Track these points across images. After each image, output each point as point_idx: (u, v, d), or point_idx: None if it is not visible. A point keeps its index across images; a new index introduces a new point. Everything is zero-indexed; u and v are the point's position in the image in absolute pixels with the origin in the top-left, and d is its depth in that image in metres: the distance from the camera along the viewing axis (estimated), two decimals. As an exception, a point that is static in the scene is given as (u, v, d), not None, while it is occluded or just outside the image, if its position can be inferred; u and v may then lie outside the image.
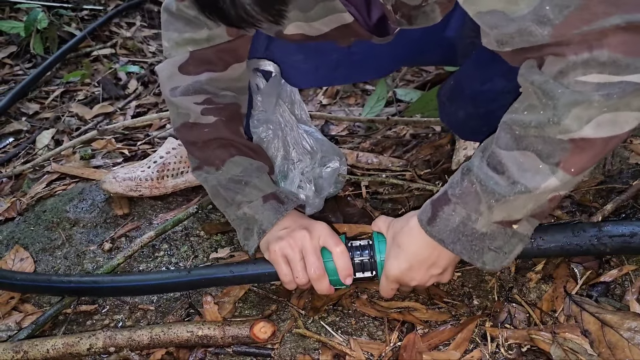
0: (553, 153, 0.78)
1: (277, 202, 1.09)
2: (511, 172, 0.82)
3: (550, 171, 0.79)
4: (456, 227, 0.89)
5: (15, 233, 1.48)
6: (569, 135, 0.76)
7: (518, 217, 0.86)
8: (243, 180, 1.11)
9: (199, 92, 1.10)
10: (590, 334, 0.95)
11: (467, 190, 0.88)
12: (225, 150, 1.12)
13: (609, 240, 1.01)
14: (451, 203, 0.90)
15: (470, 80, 1.24)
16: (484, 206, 0.86)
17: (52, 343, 1.05)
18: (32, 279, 1.20)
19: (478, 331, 1.03)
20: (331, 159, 1.40)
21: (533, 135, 0.79)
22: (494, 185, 0.83)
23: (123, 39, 3.01)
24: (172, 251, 1.35)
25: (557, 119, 0.75)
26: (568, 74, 0.73)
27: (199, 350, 1.06)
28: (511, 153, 0.82)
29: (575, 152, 0.77)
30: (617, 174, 1.32)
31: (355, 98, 2.33)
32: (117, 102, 2.43)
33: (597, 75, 0.71)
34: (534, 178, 0.80)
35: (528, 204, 0.84)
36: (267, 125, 1.35)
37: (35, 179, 1.74)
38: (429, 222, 0.92)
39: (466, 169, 0.90)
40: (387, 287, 1.03)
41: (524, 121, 0.80)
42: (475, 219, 0.88)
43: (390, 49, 1.18)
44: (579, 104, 0.73)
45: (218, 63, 1.09)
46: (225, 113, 1.13)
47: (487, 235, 0.88)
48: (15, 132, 2.24)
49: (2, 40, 2.92)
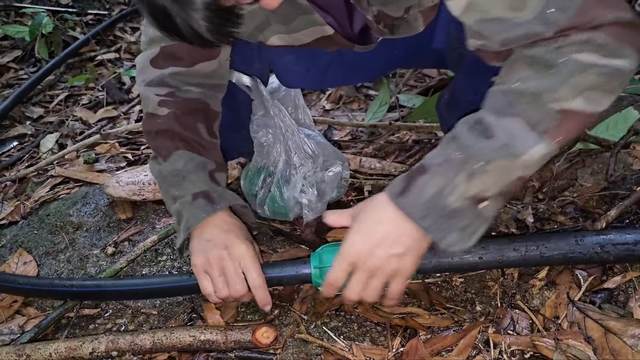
0: (542, 121, 0.81)
1: (206, 201, 1.08)
2: (499, 136, 0.83)
3: (538, 138, 0.82)
4: (429, 199, 0.85)
5: (19, 236, 1.49)
6: (561, 104, 0.80)
7: (489, 193, 0.85)
8: (181, 174, 1.11)
9: (162, 84, 1.13)
10: (594, 340, 0.95)
11: (449, 157, 0.85)
12: (172, 142, 1.13)
13: (613, 249, 1.01)
14: (428, 172, 0.86)
15: (464, 92, 1.24)
16: (463, 177, 0.83)
17: (55, 347, 1.06)
18: (34, 282, 1.20)
19: (481, 337, 1.03)
20: (333, 163, 1.40)
21: (526, 102, 0.82)
22: (481, 150, 0.83)
23: (127, 43, 3.03)
24: (175, 255, 1.35)
25: (556, 86, 0.80)
26: (565, 48, 0.80)
27: (201, 354, 1.06)
28: (501, 119, 0.83)
29: (563, 122, 0.81)
30: (620, 180, 1.32)
31: (358, 103, 2.34)
32: (121, 107, 2.44)
33: (591, 54, 0.79)
34: (523, 143, 0.82)
35: (503, 177, 0.84)
36: (266, 129, 1.35)
37: (39, 183, 1.75)
38: (400, 194, 0.87)
39: (450, 137, 0.88)
40: (339, 268, 0.93)
41: (519, 89, 0.83)
42: (450, 191, 0.84)
43: (381, 52, 1.19)
44: (578, 73, 0.79)
45: (185, 58, 1.11)
46: (182, 107, 1.13)
47: (456, 212, 0.85)
48: (20, 136, 2.24)
49: (7, 45, 2.94)
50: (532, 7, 0.79)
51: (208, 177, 1.12)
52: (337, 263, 0.93)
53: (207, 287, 1.05)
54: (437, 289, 1.16)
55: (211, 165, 1.14)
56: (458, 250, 0.88)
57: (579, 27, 0.79)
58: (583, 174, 1.39)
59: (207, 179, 1.12)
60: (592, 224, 1.17)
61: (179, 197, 1.10)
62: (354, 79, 1.62)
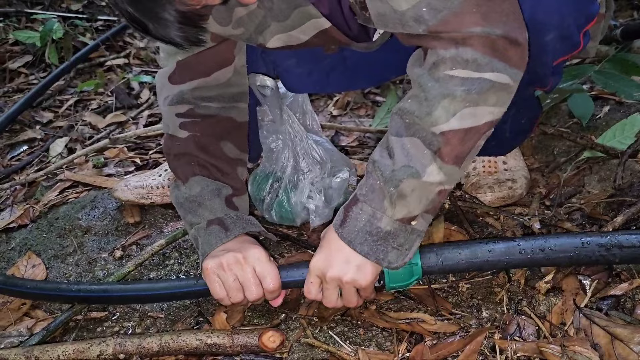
0: (433, 141, 0.87)
1: (220, 228, 1.10)
2: (401, 156, 0.89)
3: (432, 157, 0.87)
4: (363, 226, 0.94)
5: (28, 240, 1.50)
6: (439, 127, 0.86)
7: (416, 213, 0.92)
8: (197, 201, 1.13)
9: (181, 102, 1.14)
10: (600, 347, 0.95)
11: (372, 186, 0.93)
12: (189, 168, 1.14)
13: (619, 251, 1.00)
14: (359, 202, 0.95)
15: None
16: (387, 202, 0.91)
17: (63, 349, 1.06)
18: (42, 287, 1.21)
19: (487, 343, 1.03)
20: (341, 169, 1.40)
21: (417, 124, 0.87)
22: (391, 172, 0.90)
23: (136, 49, 3.05)
24: (183, 259, 1.36)
25: (429, 110, 0.85)
26: (439, 66, 0.84)
27: (207, 358, 1.07)
28: (401, 139, 0.89)
29: (447, 143, 0.86)
30: (627, 187, 1.31)
31: (365, 109, 2.34)
32: (129, 112, 2.46)
33: (462, 70, 0.83)
34: (420, 161, 0.88)
35: (422, 195, 0.90)
36: (276, 135, 1.36)
37: (48, 187, 1.76)
38: (341, 225, 0.97)
39: (371, 164, 0.95)
40: (308, 282, 1.03)
41: (409, 110, 0.88)
42: (379, 217, 0.92)
43: (382, 57, 1.20)
44: (445, 96, 0.84)
45: (200, 69, 1.13)
46: (201, 128, 1.15)
47: (390, 234, 0.93)
48: (29, 140, 2.27)
49: (18, 50, 2.97)
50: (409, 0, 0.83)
51: (224, 203, 1.13)
52: (308, 277, 1.03)
53: (219, 291, 1.05)
54: (443, 294, 1.16)
55: (227, 190, 1.15)
56: (398, 267, 0.96)
57: (450, 32, 0.82)
58: (590, 181, 1.39)
59: (222, 205, 1.13)
60: (598, 230, 1.17)
61: (194, 223, 1.12)
62: (358, 84, 1.63)
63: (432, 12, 0.82)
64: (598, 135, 1.48)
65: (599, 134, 1.49)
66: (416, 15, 0.83)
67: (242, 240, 1.10)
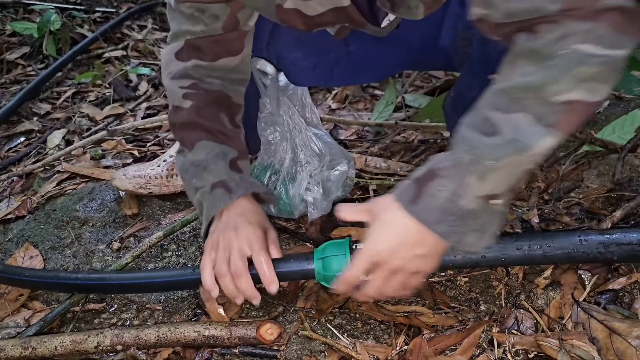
0: (548, 115, 0.81)
1: (224, 190, 1.09)
2: (508, 132, 0.82)
3: (546, 131, 0.82)
4: (442, 203, 0.84)
5: (26, 231, 1.50)
6: (564, 96, 0.80)
7: (500, 190, 0.85)
8: (202, 164, 1.12)
9: (185, 76, 1.14)
10: (598, 341, 0.95)
11: (458, 160, 0.84)
12: (195, 134, 1.14)
13: (617, 248, 1.00)
14: (438, 177, 0.85)
15: (469, 90, 1.24)
16: (474, 177, 0.83)
17: (60, 340, 1.06)
18: (40, 275, 1.21)
19: (485, 337, 1.03)
20: (339, 162, 1.40)
21: (530, 97, 0.82)
22: (490, 148, 0.82)
23: (134, 41, 3.04)
24: (180, 252, 1.36)
25: (558, 79, 0.80)
26: (567, 39, 0.79)
27: (205, 350, 1.07)
28: (507, 115, 0.83)
29: (568, 113, 0.81)
30: (626, 182, 1.31)
31: (364, 103, 2.34)
32: (127, 104, 2.45)
33: (591, 45, 0.79)
34: (531, 137, 0.82)
35: (517, 169, 0.84)
36: (274, 127, 1.35)
37: (45, 178, 1.76)
38: (412, 201, 0.86)
39: (457, 139, 0.87)
40: (358, 267, 0.91)
41: (522, 84, 0.82)
42: (462, 193, 0.83)
43: (388, 51, 1.19)
44: (575, 67, 0.79)
45: (207, 53, 1.13)
46: (205, 99, 1.15)
47: (471, 214, 0.85)
48: (27, 132, 2.26)
49: (16, 41, 2.95)
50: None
51: (228, 166, 1.13)
52: (359, 262, 0.91)
53: (207, 264, 1.04)
54: (441, 288, 1.16)
55: (232, 154, 1.15)
56: (477, 250, 0.87)
57: (582, 8, 0.78)
58: (589, 176, 1.39)
59: (226, 168, 1.12)
60: (597, 225, 1.17)
61: (199, 187, 1.12)
62: (361, 79, 1.62)
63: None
64: (597, 129, 1.48)
65: (599, 128, 1.49)
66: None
67: (242, 213, 1.09)
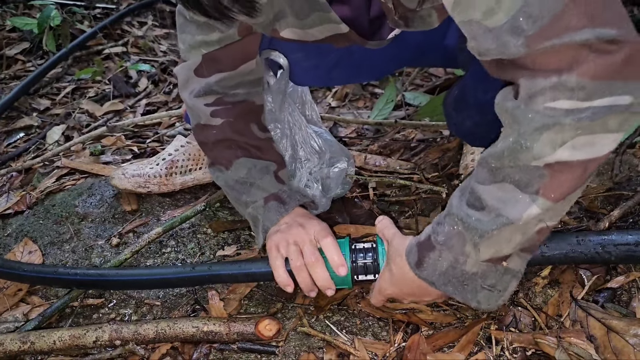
0: (531, 181, 0.76)
1: (278, 203, 1.13)
2: (491, 206, 0.80)
3: (530, 200, 0.77)
4: (445, 271, 0.87)
5: (25, 226, 1.50)
6: (543, 160, 0.74)
7: (507, 252, 0.83)
8: (248, 182, 1.15)
9: (209, 93, 1.14)
10: (596, 339, 0.95)
11: (450, 233, 0.85)
12: (231, 152, 1.16)
13: (614, 249, 1.00)
14: (436, 250, 0.87)
15: (473, 91, 1.24)
16: (470, 246, 0.83)
17: (59, 335, 1.06)
18: (39, 270, 1.21)
19: (483, 334, 1.03)
20: (339, 159, 1.40)
21: (508, 166, 0.77)
22: (476, 223, 0.81)
23: (135, 37, 3.04)
24: (179, 248, 1.36)
25: (529, 144, 0.74)
26: (537, 98, 0.72)
27: (204, 345, 1.07)
28: (489, 187, 0.80)
29: (554, 177, 0.75)
30: (625, 181, 1.32)
31: (364, 101, 2.34)
32: (127, 100, 2.45)
33: (566, 101, 0.70)
34: (514, 208, 0.78)
35: (515, 237, 0.81)
36: (275, 124, 1.35)
37: (45, 174, 1.76)
38: (417, 266, 0.90)
39: (446, 211, 0.88)
40: (378, 299, 1.05)
41: (497, 152, 0.78)
42: (463, 261, 0.85)
43: (391, 51, 1.19)
44: (548, 127, 0.72)
45: (227, 63, 1.12)
46: (234, 113, 1.15)
47: (478, 275, 0.85)
48: (26, 128, 2.26)
49: (15, 37, 2.95)
50: (505, 11, 0.70)
51: (274, 179, 1.16)
52: (376, 296, 1.04)
53: (278, 262, 1.06)
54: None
55: (273, 167, 1.17)
56: (492, 308, 0.89)
57: (547, 61, 0.71)
58: (588, 175, 1.39)
59: (273, 181, 1.16)
60: (595, 223, 1.17)
61: (251, 202, 1.15)
62: (363, 77, 1.62)
63: (530, 20, 0.69)
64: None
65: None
66: (513, 27, 0.70)
67: (299, 214, 1.13)
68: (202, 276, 1.13)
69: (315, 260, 1.04)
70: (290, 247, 1.06)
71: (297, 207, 1.14)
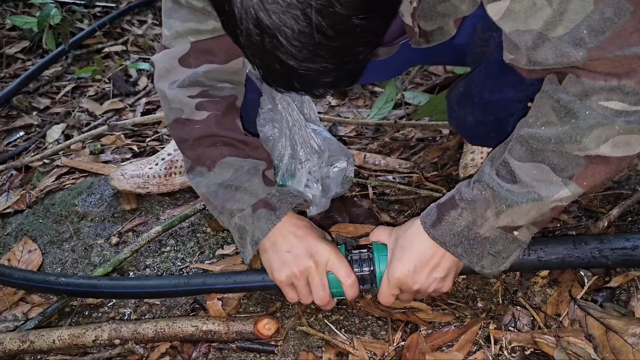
0: (567, 167, 0.83)
1: (268, 210, 1.02)
2: (524, 181, 0.85)
3: (563, 183, 0.83)
4: (460, 231, 0.91)
5: (24, 225, 1.50)
6: (586, 152, 0.81)
7: (520, 223, 0.89)
8: (233, 185, 1.04)
9: (195, 84, 1.04)
10: (595, 338, 0.95)
11: (477, 196, 0.90)
12: (216, 149, 1.05)
13: (611, 253, 1.01)
14: (458, 208, 0.92)
15: (480, 89, 1.24)
16: (491, 212, 0.88)
17: (58, 334, 1.06)
18: (29, 277, 1.20)
19: (482, 333, 1.03)
20: (339, 158, 1.40)
21: (551, 150, 0.83)
22: (507, 193, 0.86)
23: (134, 36, 3.03)
24: (179, 247, 1.36)
25: (579, 137, 0.80)
26: (592, 96, 0.79)
27: (203, 344, 1.07)
28: (525, 164, 0.86)
29: (590, 167, 0.82)
30: (624, 180, 1.32)
31: (363, 100, 2.34)
32: (127, 99, 2.45)
33: (618, 102, 0.77)
34: (547, 188, 0.84)
35: (533, 211, 0.87)
36: (272, 124, 1.35)
37: (44, 173, 1.76)
38: (433, 225, 0.94)
39: (476, 178, 0.92)
40: (387, 292, 1.01)
41: (542, 136, 0.83)
42: (480, 224, 0.90)
43: (402, 52, 1.19)
44: (602, 125, 0.79)
45: (220, 54, 1.04)
46: (221, 106, 1.06)
47: (488, 240, 0.91)
48: (26, 126, 2.26)
49: (15, 35, 2.95)
50: (566, 23, 0.75)
51: (262, 182, 1.05)
52: (384, 288, 1.02)
53: (294, 297, 1.04)
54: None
55: (262, 166, 1.07)
56: (492, 273, 0.94)
57: (607, 58, 0.76)
58: (587, 174, 1.39)
59: (261, 184, 1.05)
60: (594, 222, 1.17)
61: (236, 211, 1.04)
62: (372, 78, 1.62)
63: (593, 34, 0.75)
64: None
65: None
66: (575, 38, 0.76)
67: (304, 234, 1.03)
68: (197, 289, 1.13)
69: (326, 304, 1.04)
70: (301, 288, 1.02)
71: (291, 213, 1.05)
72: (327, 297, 1.03)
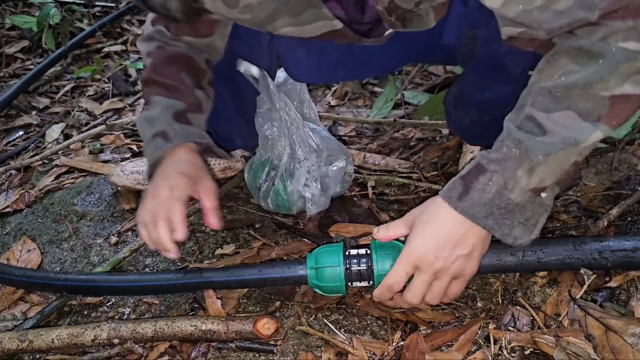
0: (593, 111, 0.83)
1: (162, 140, 1.09)
2: (554, 130, 0.84)
3: (593, 126, 0.83)
4: (491, 198, 0.86)
5: (24, 224, 1.50)
6: (611, 91, 0.81)
7: (548, 182, 0.86)
8: (150, 118, 1.13)
9: (150, 39, 1.20)
10: (594, 338, 0.95)
11: (507, 155, 0.85)
12: (150, 89, 1.17)
13: (611, 255, 1.00)
14: (487, 172, 0.86)
15: (471, 89, 1.25)
16: (523, 170, 0.84)
17: (57, 333, 1.06)
18: (29, 275, 1.20)
19: (481, 333, 1.03)
20: (338, 157, 1.40)
21: (577, 95, 0.83)
22: (541, 144, 0.83)
23: (134, 36, 3.04)
24: (178, 246, 1.35)
25: (608, 76, 0.81)
26: (610, 38, 0.80)
27: (202, 344, 1.07)
28: (553, 114, 0.84)
29: (613, 107, 0.82)
30: (624, 180, 1.32)
31: (363, 99, 2.34)
32: (126, 98, 2.45)
33: (634, 42, 0.79)
34: (580, 132, 0.83)
35: (561, 163, 0.84)
36: (270, 123, 1.35)
37: (44, 172, 1.76)
38: (460, 198, 0.87)
39: (501, 138, 0.88)
40: (402, 270, 0.92)
41: (566, 84, 0.83)
42: (511, 188, 0.85)
43: (392, 48, 1.19)
44: (627, 61, 0.80)
45: (171, 29, 1.18)
46: (162, 57, 1.18)
47: (518, 206, 0.86)
48: (25, 126, 2.26)
49: (15, 35, 2.95)
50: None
51: (172, 117, 1.12)
52: (400, 266, 0.92)
53: (144, 234, 1.06)
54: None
55: (180, 106, 1.14)
56: (524, 243, 0.89)
57: (622, 8, 0.78)
58: (587, 174, 1.39)
59: (170, 119, 1.12)
60: (594, 222, 1.17)
61: (143, 139, 1.15)
62: (365, 74, 1.63)
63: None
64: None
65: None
66: (585, 3, 0.79)
67: (182, 155, 1.09)
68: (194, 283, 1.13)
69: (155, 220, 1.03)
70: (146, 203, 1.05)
71: (183, 150, 1.09)
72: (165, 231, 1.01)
